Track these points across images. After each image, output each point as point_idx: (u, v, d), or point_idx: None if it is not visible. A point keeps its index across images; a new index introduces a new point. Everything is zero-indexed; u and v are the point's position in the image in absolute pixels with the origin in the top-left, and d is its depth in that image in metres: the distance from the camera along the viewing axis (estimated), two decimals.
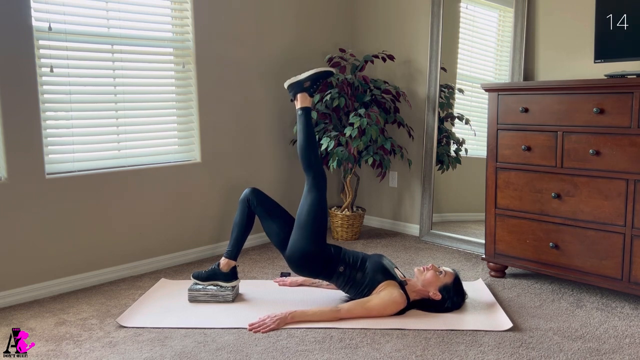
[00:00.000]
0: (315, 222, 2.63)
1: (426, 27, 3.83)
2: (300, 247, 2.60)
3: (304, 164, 2.72)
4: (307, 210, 2.65)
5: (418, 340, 2.29)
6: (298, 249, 2.61)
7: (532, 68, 3.36)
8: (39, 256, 2.83)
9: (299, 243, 2.61)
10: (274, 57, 3.78)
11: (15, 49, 2.67)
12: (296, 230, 2.64)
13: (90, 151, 3.01)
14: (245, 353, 2.19)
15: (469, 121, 3.75)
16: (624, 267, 2.59)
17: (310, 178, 2.70)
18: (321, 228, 2.65)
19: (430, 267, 2.58)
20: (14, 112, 2.70)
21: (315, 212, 2.64)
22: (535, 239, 2.88)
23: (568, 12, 3.18)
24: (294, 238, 2.63)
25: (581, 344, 2.26)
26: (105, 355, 2.19)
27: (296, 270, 2.67)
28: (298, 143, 2.75)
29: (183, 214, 3.40)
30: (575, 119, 2.69)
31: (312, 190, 2.68)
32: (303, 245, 2.60)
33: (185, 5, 3.31)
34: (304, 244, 2.60)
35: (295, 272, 2.69)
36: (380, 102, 3.84)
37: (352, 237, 3.90)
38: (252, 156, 3.73)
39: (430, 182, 3.86)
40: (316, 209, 2.64)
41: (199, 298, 2.71)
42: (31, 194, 2.78)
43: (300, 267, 2.65)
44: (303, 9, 3.92)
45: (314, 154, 2.72)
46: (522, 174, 2.91)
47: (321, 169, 2.73)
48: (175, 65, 3.32)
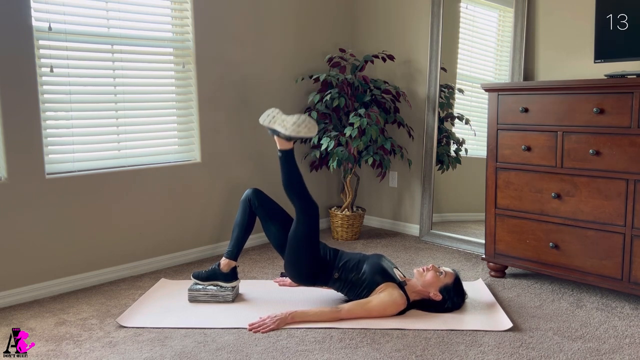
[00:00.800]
0: (305, 249, 2.60)
1: (426, 27, 3.83)
2: (293, 265, 2.63)
3: (289, 198, 2.64)
4: (296, 239, 2.60)
5: (418, 340, 2.29)
6: (291, 265, 2.64)
7: (532, 68, 3.36)
8: (39, 256, 2.83)
9: (292, 261, 2.63)
10: (274, 57, 3.78)
11: (15, 49, 2.67)
12: (288, 250, 2.63)
13: (90, 151, 3.01)
14: (245, 353, 2.19)
15: (469, 121, 3.75)
16: (624, 267, 2.59)
17: (296, 211, 2.61)
18: (311, 252, 2.61)
19: (431, 267, 2.58)
20: (14, 112, 2.69)
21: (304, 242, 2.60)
22: (535, 239, 2.88)
23: (568, 12, 3.18)
24: (287, 256, 2.64)
25: (581, 344, 2.26)
26: (105, 355, 2.19)
27: (293, 280, 2.71)
28: (282, 180, 2.64)
29: (183, 214, 3.40)
30: (575, 119, 2.69)
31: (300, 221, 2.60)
32: (296, 264, 2.63)
33: (185, 5, 3.31)
34: (295, 263, 2.62)
35: (292, 281, 2.73)
36: (380, 102, 3.84)
37: (352, 237, 3.90)
38: (251, 156, 3.73)
39: (430, 182, 3.86)
40: (305, 238, 2.60)
41: (199, 298, 2.71)
42: (31, 194, 2.78)
43: (296, 280, 2.69)
44: (303, 9, 3.92)
45: (298, 193, 2.61)
46: (522, 174, 2.91)
47: (307, 204, 2.61)
48: (175, 65, 3.31)
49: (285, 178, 2.64)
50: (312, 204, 2.63)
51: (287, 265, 2.65)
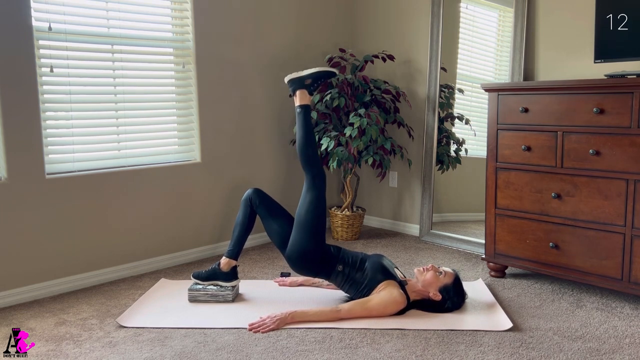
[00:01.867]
0: (314, 221, 2.63)
1: (426, 27, 3.83)
2: (299, 246, 2.61)
3: (303, 163, 2.72)
4: (305, 210, 2.65)
5: (418, 340, 2.29)
6: (297, 247, 2.61)
7: (532, 68, 3.36)
8: (39, 256, 2.83)
9: (298, 242, 2.61)
10: (274, 57, 3.78)
11: (15, 49, 2.67)
12: (295, 229, 2.64)
13: (90, 151, 3.01)
14: (245, 353, 2.19)
15: (469, 121, 3.75)
16: (624, 267, 2.59)
17: (309, 177, 2.70)
18: (320, 227, 2.65)
19: (430, 267, 2.58)
20: (14, 112, 2.70)
21: (313, 212, 2.64)
22: (535, 239, 2.88)
23: (568, 12, 3.18)
24: (293, 237, 2.63)
25: (581, 344, 2.26)
26: (105, 355, 2.19)
27: (296, 268, 2.67)
28: (297, 141, 2.74)
29: (183, 214, 3.40)
30: (575, 119, 2.69)
31: (311, 189, 2.68)
32: (302, 244, 2.61)
33: (185, 5, 3.31)
34: (303, 242, 2.61)
35: (295, 270, 2.69)
36: (380, 102, 3.84)
37: (352, 237, 3.90)
38: (251, 156, 3.73)
39: (430, 182, 3.86)
40: (315, 208, 2.64)
41: (199, 298, 2.71)
42: (31, 194, 2.78)
43: (299, 266, 2.65)
44: (303, 9, 3.92)
45: (313, 152, 2.72)
46: (522, 174, 2.91)
47: (320, 168, 2.72)
48: (175, 65, 3.32)
49: (302, 136, 2.71)
50: (322, 172, 2.72)
51: (292, 249, 2.62)
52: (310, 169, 2.70)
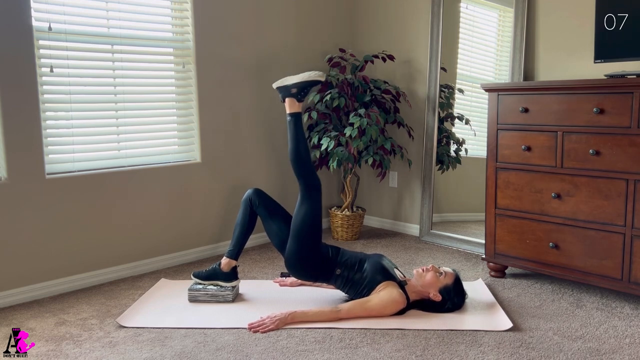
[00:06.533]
0: (309, 231, 2.62)
1: (426, 27, 3.83)
2: (296, 254, 2.62)
3: (295, 172, 2.69)
4: (301, 219, 2.63)
5: (418, 340, 2.29)
6: (294, 255, 2.62)
7: (532, 68, 3.36)
8: (39, 256, 2.83)
9: (294, 250, 2.62)
10: (274, 57, 3.78)
11: (15, 49, 2.67)
12: (291, 238, 2.64)
13: (90, 151, 3.01)
14: (245, 353, 2.19)
15: (469, 121, 3.75)
16: (624, 267, 2.59)
17: (302, 187, 2.66)
18: (315, 236, 2.63)
19: (430, 267, 2.58)
20: (14, 112, 2.69)
21: (308, 222, 2.62)
22: (535, 239, 2.88)
23: (568, 12, 3.18)
24: (290, 245, 2.63)
25: (581, 344, 2.26)
26: (105, 355, 2.19)
27: (294, 274, 2.69)
28: (289, 151, 2.70)
29: (183, 214, 3.40)
30: (575, 119, 2.69)
31: (305, 199, 2.65)
32: (298, 253, 2.61)
33: (185, 5, 3.31)
34: (299, 251, 2.61)
35: (294, 276, 2.72)
36: (380, 102, 3.84)
37: (352, 237, 3.90)
38: (252, 156, 3.73)
39: (430, 182, 3.86)
40: (309, 219, 2.62)
41: (199, 298, 2.71)
42: (31, 194, 2.78)
43: (297, 272, 2.67)
44: (303, 9, 3.92)
45: (305, 162, 2.67)
46: (522, 174, 2.91)
47: (313, 178, 2.67)
48: (175, 65, 3.32)
49: (293, 145, 2.67)
50: (317, 179, 2.68)
51: (289, 256, 2.62)
52: (303, 178, 2.67)
